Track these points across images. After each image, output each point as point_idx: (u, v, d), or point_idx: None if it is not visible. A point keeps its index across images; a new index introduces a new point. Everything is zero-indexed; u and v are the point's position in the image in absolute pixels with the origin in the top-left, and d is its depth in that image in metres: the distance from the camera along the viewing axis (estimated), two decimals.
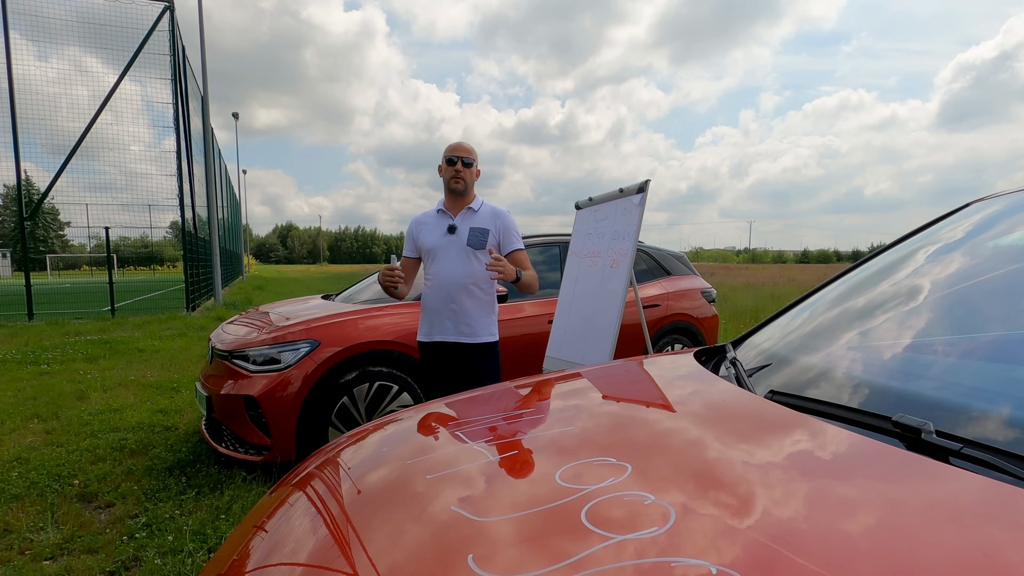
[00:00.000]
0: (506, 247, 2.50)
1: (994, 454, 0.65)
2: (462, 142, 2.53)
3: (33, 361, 6.52)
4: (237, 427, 3.19)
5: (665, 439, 0.82)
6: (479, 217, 2.50)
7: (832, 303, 1.35)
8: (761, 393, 1.01)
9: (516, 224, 2.56)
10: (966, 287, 1.15)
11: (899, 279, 1.28)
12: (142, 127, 14.11)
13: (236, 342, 3.36)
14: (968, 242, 1.31)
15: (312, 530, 0.76)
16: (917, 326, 1.10)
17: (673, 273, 5.15)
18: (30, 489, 2.96)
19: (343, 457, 1.00)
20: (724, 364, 1.26)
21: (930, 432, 0.71)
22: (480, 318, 2.49)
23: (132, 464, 3.31)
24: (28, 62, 11.38)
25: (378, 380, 3.33)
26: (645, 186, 2.72)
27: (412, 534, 0.64)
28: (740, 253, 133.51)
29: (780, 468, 0.69)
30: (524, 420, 1.00)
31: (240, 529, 0.90)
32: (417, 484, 0.78)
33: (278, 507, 0.89)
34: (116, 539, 2.46)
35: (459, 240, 2.45)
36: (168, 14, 11.91)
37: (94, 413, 4.37)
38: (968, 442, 0.68)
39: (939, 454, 0.69)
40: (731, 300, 13.48)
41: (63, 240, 38.55)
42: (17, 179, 10.94)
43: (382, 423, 1.17)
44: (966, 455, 0.66)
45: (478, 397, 1.26)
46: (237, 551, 0.80)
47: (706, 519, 0.58)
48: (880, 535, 0.53)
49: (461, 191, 2.48)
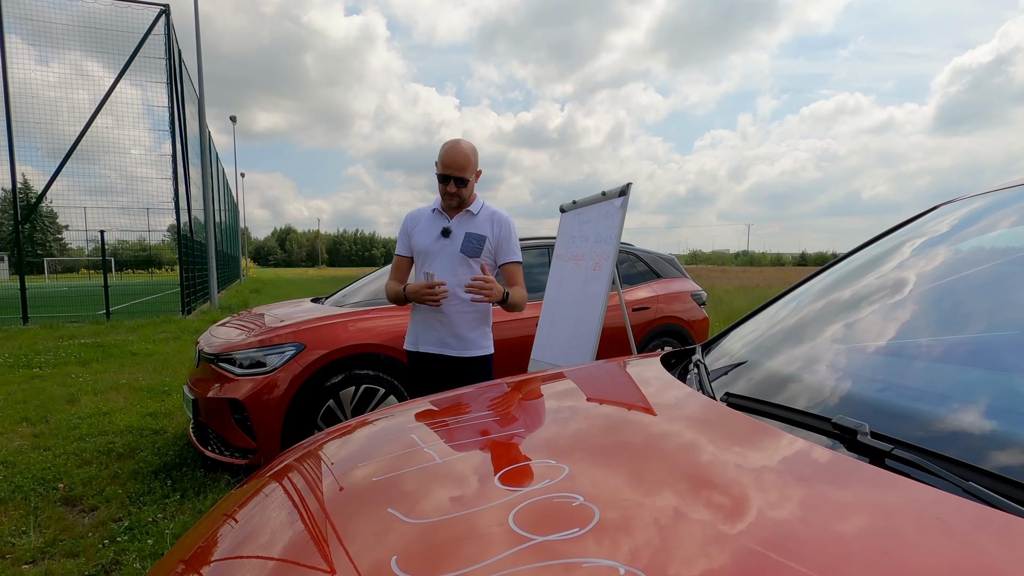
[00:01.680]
0: (501, 257, 2.31)
1: (923, 455, 0.65)
2: (457, 149, 2.20)
3: (25, 365, 6.51)
4: (223, 430, 3.19)
5: (608, 441, 0.83)
6: (477, 222, 2.29)
7: (795, 307, 1.35)
8: (717, 396, 1.02)
9: (516, 234, 2.36)
10: (926, 290, 1.15)
11: (862, 283, 1.29)
12: (142, 131, 14.18)
13: (222, 345, 3.36)
14: (934, 246, 1.32)
15: (258, 524, 0.76)
16: (874, 329, 1.10)
17: (663, 276, 5.16)
18: (14, 493, 2.95)
19: (309, 455, 1.01)
20: (688, 367, 1.27)
21: (865, 434, 0.71)
22: (471, 331, 2.29)
23: (118, 468, 3.31)
24: (28, 66, 11.42)
25: (364, 383, 3.34)
26: (627, 189, 2.73)
27: (345, 536, 0.64)
28: (738, 256, 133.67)
29: (715, 470, 0.70)
30: (478, 423, 1.00)
31: (208, 518, 0.90)
32: (362, 486, 0.79)
33: (249, 498, 0.90)
34: (98, 543, 2.45)
35: (453, 245, 2.26)
36: (164, 17, 11.94)
37: (83, 417, 4.37)
38: (900, 443, 0.69)
39: (875, 456, 0.70)
40: (726, 303, 13.48)
41: (61, 243, 38.53)
42: (12, 183, 10.94)
43: (347, 426, 1.17)
44: (897, 456, 0.66)
45: (445, 399, 1.26)
46: (204, 538, 0.81)
47: (629, 520, 0.58)
48: (801, 535, 0.53)
49: (455, 207, 2.28)
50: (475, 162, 2.24)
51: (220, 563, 0.70)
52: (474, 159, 2.23)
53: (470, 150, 2.22)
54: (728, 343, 1.38)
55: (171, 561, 0.77)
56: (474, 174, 2.25)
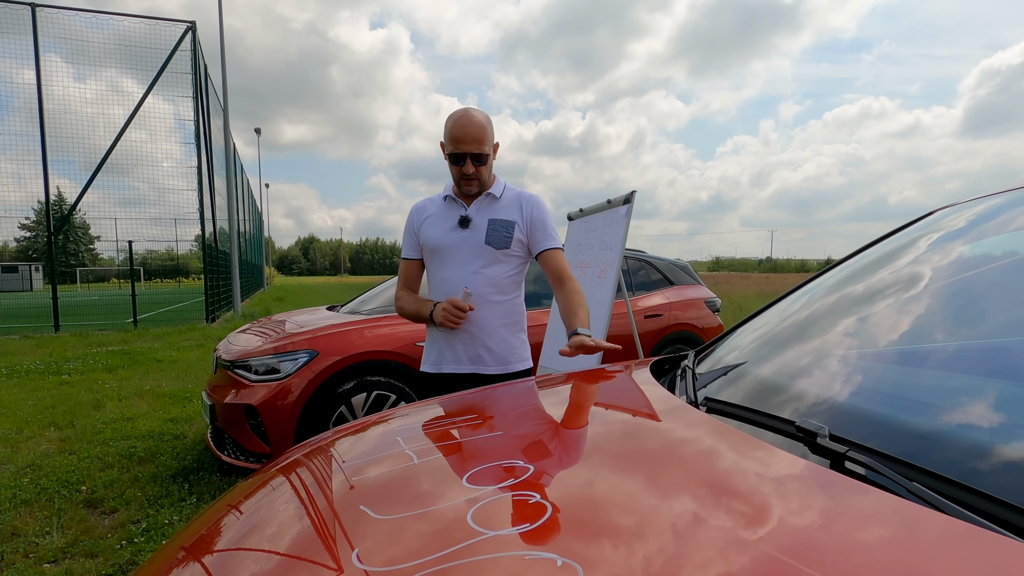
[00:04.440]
0: (537, 244, 1.85)
1: (876, 457, 0.67)
2: (469, 118, 1.76)
3: (55, 371, 6.73)
4: (238, 435, 3.27)
5: (579, 443, 0.85)
6: (501, 206, 1.86)
7: (786, 314, 1.36)
8: (699, 402, 1.03)
9: (550, 214, 1.91)
10: (915, 295, 1.15)
11: (853, 289, 1.29)
12: (173, 144, 14.62)
13: (238, 352, 3.45)
14: (927, 252, 1.32)
15: (257, 517, 0.81)
16: (860, 335, 1.11)
17: (677, 283, 5.14)
18: (40, 495, 3.06)
19: (304, 456, 1.05)
20: (676, 373, 1.29)
21: (824, 436, 0.73)
22: (506, 339, 1.86)
23: (139, 471, 3.41)
24: (65, 83, 11.89)
25: (376, 389, 3.39)
26: (631, 197, 2.75)
27: (315, 528, 0.68)
28: (762, 262, 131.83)
29: (675, 470, 0.72)
30: (461, 426, 1.03)
31: (212, 508, 0.95)
32: (344, 485, 0.82)
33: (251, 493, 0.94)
34: (116, 544, 2.53)
35: (475, 237, 1.82)
36: (191, 34, 12.33)
37: (108, 422, 4.51)
38: (856, 446, 0.70)
39: (834, 458, 0.71)
40: (746, 309, 13.35)
41: (93, 254, 39.73)
42: (46, 195, 11.37)
43: (348, 427, 1.21)
44: (852, 458, 0.68)
45: (450, 401, 1.29)
46: (206, 527, 0.85)
47: (578, 516, 0.60)
48: (753, 535, 0.55)
49: (475, 193, 1.86)
50: (492, 133, 1.81)
51: (221, 554, 0.74)
52: (490, 129, 1.80)
53: (484, 119, 1.79)
54: (720, 350, 1.39)
55: (172, 548, 0.81)
56: (492, 147, 1.83)
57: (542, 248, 1.84)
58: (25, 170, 11.72)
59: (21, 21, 11.03)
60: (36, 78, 11.09)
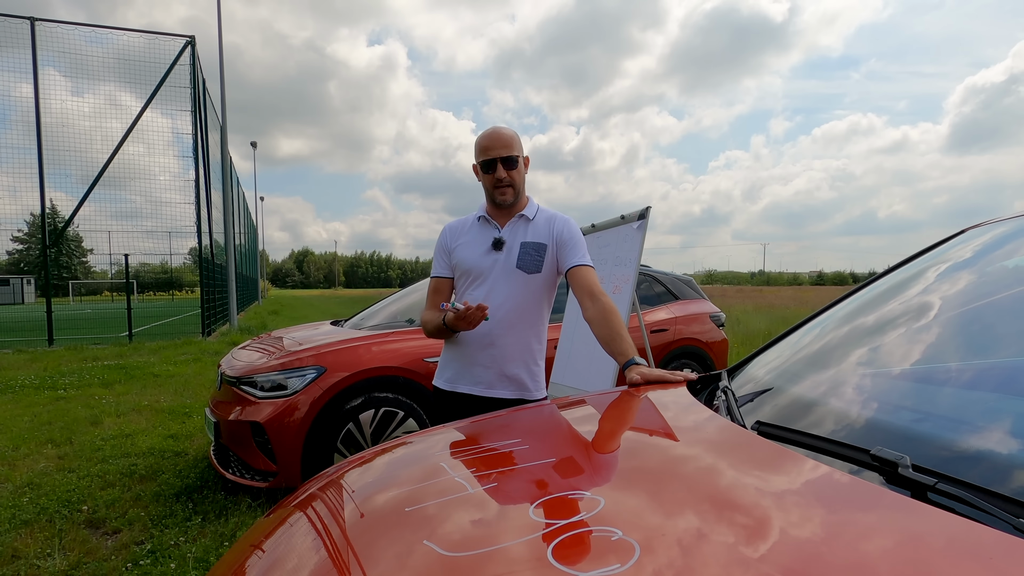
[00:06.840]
0: (567, 260, 1.82)
1: (968, 489, 0.64)
2: (497, 131, 1.81)
3: (50, 386, 6.63)
4: (244, 453, 3.20)
5: (643, 472, 0.82)
6: (534, 228, 1.85)
7: (825, 331, 1.34)
8: (748, 424, 1.01)
9: (581, 234, 1.90)
10: (961, 314, 1.14)
11: (892, 307, 1.27)
12: (170, 157, 14.60)
13: (244, 368, 3.40)
14: (964, 269, 1.30)
15: (294, 554, 0.77)
16: (909, 355, 1.09)
17: (682, 297, 5.13)
18: (40, 515, 2.99)
19: (334, 484, 1.01)
20: (716, 394, 1.26)
21: (907, 467, 0.70)
22: (527, 366, 1.86)
23: (141, 490, 3.33)
24: (63, 97, 11.87)
25: (384, 406, 3.34)
26: (646, 212, 2.74)
27: (383, 569, 0.64)
28: (754, 275, 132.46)
29: (753, 502, 0.69)
30: (509, 451, 1.00)
31: (236, 549, 0.91)
32: (395, 516, 0.79)
33: (276, 528, 0.90)
34: (121, 566, 2.47)
35: (507, 260, 1.82)
36: (190, 49, 12.35)
37: (106, 438, 4.42)
38: (944, 477, 0.67)
39: (917, 489, 0.68)
40: (744, 323, 13.35)
41: (86, 267, 39.46)
42: (41, 209, 11.28)
43: (382, 449, 1.18)
44: (940, 490, 0.65)
45: (469, 426, 1.26)
46: (232, 570, 0.82)
47: (669, 557, 0.57)
48: (844, 571, 0.52)
49: (511, 203, 1.85)
50: (520, 144, 1.85)
51: None
52: (518, 140, 1.84)
53: (511, 131, 1.83)
54: (754, 368, 1.37)
55: None
56: (523, 157, 1.86)
57: (572, 264, 1.81)
58: (20, 183, 11.67)
59: (20, 35, 11.04)
60: (34, 92, 11.06)
